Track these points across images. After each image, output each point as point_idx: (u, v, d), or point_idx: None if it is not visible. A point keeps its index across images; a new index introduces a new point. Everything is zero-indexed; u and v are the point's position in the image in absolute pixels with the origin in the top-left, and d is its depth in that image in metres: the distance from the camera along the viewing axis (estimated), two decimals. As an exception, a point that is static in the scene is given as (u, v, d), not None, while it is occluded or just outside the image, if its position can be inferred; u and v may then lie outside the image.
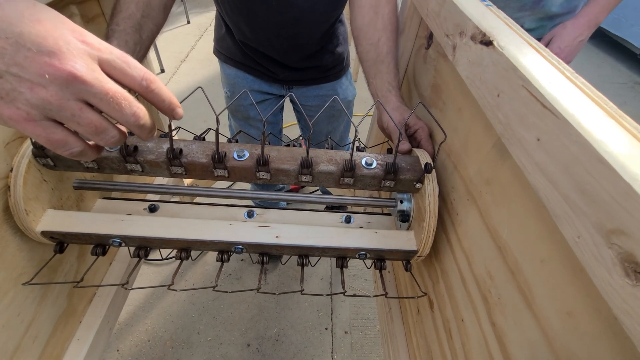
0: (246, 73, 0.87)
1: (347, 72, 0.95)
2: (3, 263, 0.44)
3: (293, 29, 0.72)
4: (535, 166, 0.24)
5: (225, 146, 0.47)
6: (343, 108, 0.48)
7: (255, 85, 0.88)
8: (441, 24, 0.44)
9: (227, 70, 0.89)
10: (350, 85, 0.98)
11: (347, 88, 0.97)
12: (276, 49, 0.78)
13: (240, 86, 0.88)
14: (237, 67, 0.87)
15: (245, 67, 0.86)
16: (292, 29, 0.72)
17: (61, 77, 0.21)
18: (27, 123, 0.22)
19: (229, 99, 0.94)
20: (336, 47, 0.86)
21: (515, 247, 0.31)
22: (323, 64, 0.85)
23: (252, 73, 0.86)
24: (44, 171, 0.47)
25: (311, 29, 0.74)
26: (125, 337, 1.13)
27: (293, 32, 0.73)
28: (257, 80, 0.88)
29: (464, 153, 0.43)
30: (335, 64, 0.88)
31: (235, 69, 0.87)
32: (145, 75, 0.25)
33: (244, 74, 0.87)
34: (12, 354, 0.47)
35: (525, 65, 0.27)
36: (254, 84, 0.88)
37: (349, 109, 1.02)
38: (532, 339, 0.28)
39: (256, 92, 0.90)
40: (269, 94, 0.92)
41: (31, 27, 0.20)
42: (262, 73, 0.86)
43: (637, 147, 0.19)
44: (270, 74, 0.85)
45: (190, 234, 0.48)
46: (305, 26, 0.73)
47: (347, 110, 1.00)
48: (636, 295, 0.16)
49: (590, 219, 0.19)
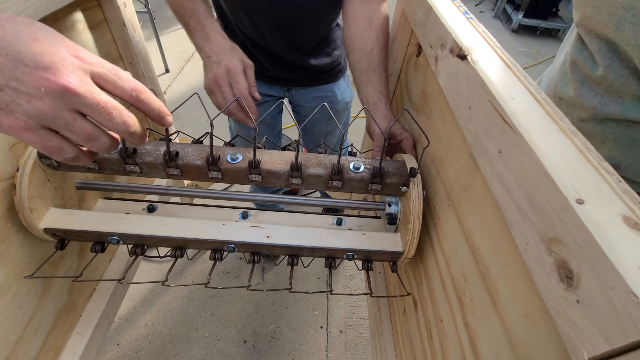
0: None
1: (344, 74, 0.97)
2: (7, 258, 0.47)
3: (293, 25, 0.75)
4: (496, 176, 0.26)
5: (219, 149, 0.49)
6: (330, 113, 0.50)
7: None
8: (426, 35, 0.46)
9: None
10: (348, 87, 1.00)
11: (345, 90, 0.99)
12: (276, 43, 0.80)
13: None
14: None
15: None
16: (291, 24, 0.75)
17: (56, 90, 0.23)
18: (25, 131, 0.24)
19: None
20: (334, 50, 0.88)
21: (485, 251, 0.33)
22: (321, 64, 0.87)
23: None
24: (48, 171, 0.49)
25: (309, 26, 0.77)
26: (125, 332, 1.16)
27: (293, 28, 0.76)
28: (257, 82, 0.90)
29: (446, 160, 0.44)
30: (333, 66, 0.90)
31: None
32: (134, 87, 0.27)
33: None
34: (14, 345, 0.50)
35: (492, 81, 0.28)
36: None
37: (347, 110, 1.04)
38: (497, 339, 0.30)
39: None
40: (269, 96, 0.95)
41: (29, 45, 0.22)
42: (261, 74, 0.88)
43: (580, 162, 0.21)
44: (269, 73, 0.87)
45: (184, 232, 0.50)
46: (304, 23, 0.75)
47: (345, 111, 1.01)
48: (567, 299, 0.18)
49: (536, 228, 0.21)
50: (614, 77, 0.48)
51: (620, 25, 0.43)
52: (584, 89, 0.53)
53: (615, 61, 0.47)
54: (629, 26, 0.43)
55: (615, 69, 0.47)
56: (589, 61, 0.51)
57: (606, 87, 0.50)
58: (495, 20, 3.88)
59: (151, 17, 2.26)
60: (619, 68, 0.47)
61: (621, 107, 0.49)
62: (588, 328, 0.17)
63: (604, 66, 0.48)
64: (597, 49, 0.49)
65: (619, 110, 0.49)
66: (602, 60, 0.48)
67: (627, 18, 0.42)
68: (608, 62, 0.48)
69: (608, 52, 0.48)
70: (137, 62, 0.74)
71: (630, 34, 0.43)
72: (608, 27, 0.45)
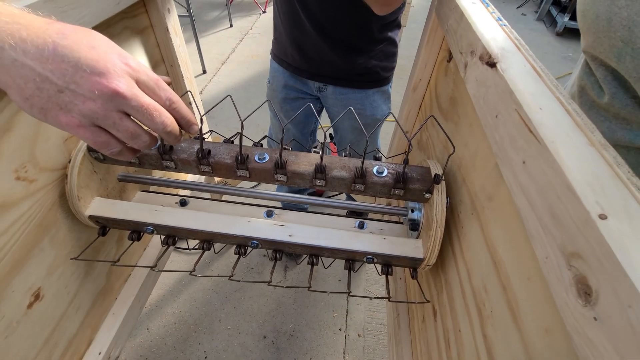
0: (284, 69, 0.96)
1: (381, 89, 0.96)
2: (57, 241, 0.52)
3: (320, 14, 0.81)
4: (520, 187, 0.26)
5: (248, 149, 0.51)
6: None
7: (290, 81, 0.97)
8: (457, 41, 0.45)
9: (272, 63, 1.01)
10: (383, 104, 0.98)
11: (379, 106, 0.97)
12: (314, 34, 0.84)
13: (278, 79, 0.99)
14: (277, 61, 0.97)
15: (284, 63, 0.95)
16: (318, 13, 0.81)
17: (107, 93, 0.26)
18: (79, 128, 0.27)
19: (269, 85, 1.04)
20: (372, 59, 0.88)
21: (508, 263, 0.32)
22: (353, 67, 0.88)
23: (288, 69, 0.95)
24: (95, 164, 0.54)
25: (332, 15, 0.81)
26: (155, 318, 1.22)
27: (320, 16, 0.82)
28: (292, 76, 0.96)
29: (472, 168, 0.43)
30: (365, 72, 0.91)
31: (277, 63, 0.98)
32: (169, 96, 0.30)
33: (282, 69, 0.97)
34: (59, 319, 0.55)
35: (520, 90, 0.28)
36: (289, 79, 0.97)
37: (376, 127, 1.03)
38: (516, 354, 0.29)
39: (291, 88, 0.98)
40: (304, 93, 0.99)
41: (87, 53, 0.26)
42: (296, 68, 0.93)
43: (608, 176, 0.20)
44: (300, 64, 0.92)
45: (212, 226, 0.53)
46: (327, 11, 0.80)
47: (374, 126, 1.00)
48: (584, 315, 0.18)
49: (556, 241, 0.21)
50: (620, 106, 0.46)
51: (622, 57, 0.42)
52: (593, 114, 0.51)
53: (621, 90, 0.46)
54: (629, 59, 0.41)
55: (621, 98, 0.46)
56: (596, 87, 0.50)
57: (613, 114, 0.48)
58: (538, 23, 3.69)
59: (192, 20, 2.37)
60: (624, 97, 0.45)
61: (630, 134, 0.47)
62: (604, 346, 0.17)
63: (610, 94, 0.47)
64: (603, 77, 0.47)
65: (627, 138, 0.47)
66: (608, 89, 0.47)
67: (627, 52, 0.41)
68: (614, 90, 0.46)
69: (613, 80, 0.46)
70: (177, 64, 0.79)
71: (631, 67, 0.41)
72: (610, 58, 0.44)
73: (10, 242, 0.44)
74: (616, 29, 0.41)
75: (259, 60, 2.77)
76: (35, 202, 0.47)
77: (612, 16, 0.42)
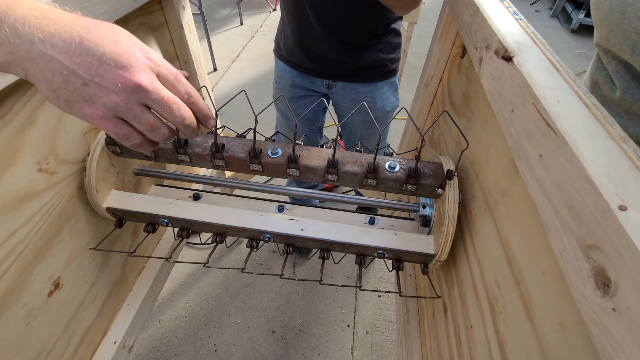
0: (291, 68, 0.96)
1: (389, 80, 0.96)
2: (75, 232, 0.53)
3: (331, 17, 0.81)
4: (536, 181, 0.26)
5: (261, 144, 0.52)
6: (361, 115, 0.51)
7: (298, 79, 0.97)
8: (472, 36, 0.45)
9: (277, 63, 1.01)
10: (392, 96, 0.99)
11: (388, 98, 0.97)
12: (321, 32, 0.84)
13: (285, 78, 0.99)
14: (284, 61, 0.97)
15: (292, 64, 0.95)
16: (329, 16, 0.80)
17: (130, 86, 0.27)
18: (102, 120, 0.28)
19: (275, 85, 1.05)
20: (379, 52, 0.88)
21: (521, 258, 0.32)
22: (361, 62, 0.88)
23: (296, 68, 0.95)
24: (113, 157, 0.55)
25: (345, 19, 0.80)
26: (166, 311, 1.25)
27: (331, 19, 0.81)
28: (300, 75, 0.96)
29: (485, 163, 0.43)
30: (373, 66, 0.90)
31: (283, 63, 0.98)
32: (188, 90, 0.31)
33: (289, 69, 0.97)
34: (77, 309, 0.56)
35: (538, 83, 0.28)
36: (297, 78, 0.97)
37: (386, 119, 1.03)
38: (529, 349, 0.29)
39: (299, 86, 0.98)
40: (311, 91, 0.99)
41: (111, 47, 0.26)
42: (304, 68, 0.93)
43: (628, 169, 0.20)
44: (309, 64, 0.92)
45: (225, 220, 0.53)
46: (339, 15, 0.80)
47: (384, 119, 1.00)
48: (602, 307, 0.18)
49: (574, 234, 0.21)
50: (632, 100, 0.46)
51: (636, 49, 0.41)
52: (605, 109, 0.51)
53: (633, 84, 0.45)
54: None
55: (633, 92, 0.45)
56: (608, 82, 0.49)
57: (625, 108, 0.48)
58: (552, 20, 3.61)
59: (203, 18, 2.40)
60: (636, 91, 0.45)
61: None
62: (623, 337, 0.17)
63: (622, 88, 0.46)
64: (615, 70, 0.47)
65: (639, 133, 0.47)
66: (620, 83, 0.46)
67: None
68: (626, 84, 0.46)
69: (626, 74, 0.46)
70: (190, 61, 0.80)
71: None
72: (624, 51, 0.43)
73: (33, 232, 0.45)
74: (630, 20, 0.41)
75: (269, 58, 2.78)
76: (55, 193, 0.48)
77: (627, 7, 0.41)
